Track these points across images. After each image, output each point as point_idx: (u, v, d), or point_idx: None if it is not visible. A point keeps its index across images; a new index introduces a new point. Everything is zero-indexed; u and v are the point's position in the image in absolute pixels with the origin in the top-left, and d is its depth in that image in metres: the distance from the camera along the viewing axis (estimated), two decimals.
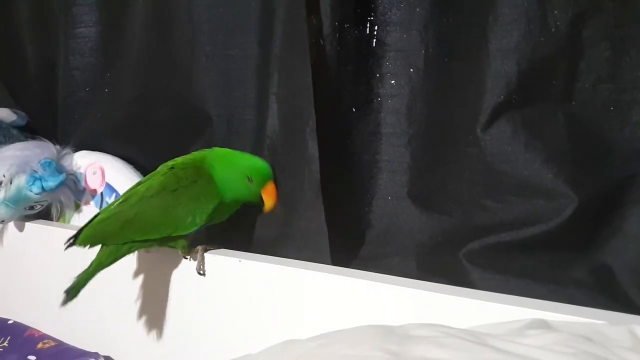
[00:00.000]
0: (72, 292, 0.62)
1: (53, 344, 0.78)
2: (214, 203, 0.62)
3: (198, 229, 0.63)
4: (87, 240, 0.63)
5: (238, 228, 0.75)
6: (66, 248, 0.64)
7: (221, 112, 0.75)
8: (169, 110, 0.81)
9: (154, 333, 0.72)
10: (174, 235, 0.63)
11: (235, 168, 0.63)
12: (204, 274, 0.64)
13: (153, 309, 0.71)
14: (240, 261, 0.63)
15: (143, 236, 0.63)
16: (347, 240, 0.65)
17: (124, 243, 0.63)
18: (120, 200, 0.65)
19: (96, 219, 0.64)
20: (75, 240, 0.63)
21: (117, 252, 0.64)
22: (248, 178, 0.62)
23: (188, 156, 0.66)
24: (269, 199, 0.63)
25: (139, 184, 0.66)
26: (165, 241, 0.65)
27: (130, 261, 0.72)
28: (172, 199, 0.61)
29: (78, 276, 0.63)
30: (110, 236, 0.63)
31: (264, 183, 0.63)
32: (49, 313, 0.83)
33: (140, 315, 0.72)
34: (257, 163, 0.63)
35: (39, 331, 0.82)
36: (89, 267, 0.63)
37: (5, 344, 0.80)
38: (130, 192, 0.65)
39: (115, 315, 0.75)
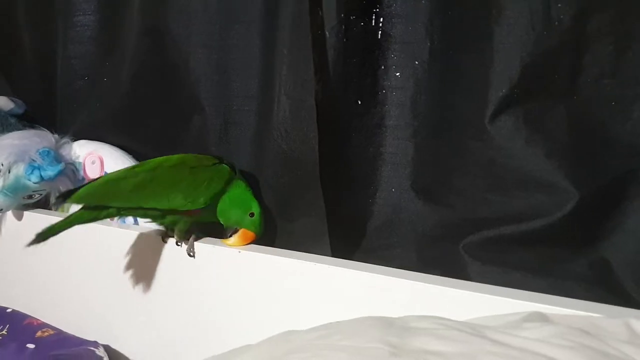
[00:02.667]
0: (42, 236, 0.61)
1: (52, 332, 0.78)
2: (218, 189, 0.65)
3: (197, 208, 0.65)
4: (85, 198, 0.62)
5: None
6: (54, 204, 0.65)
7: (217, 102, 0.75)
8: (167, 100, 0.81)
9: (153, 323, 0.72)
10: (180, 209, 0.64)
11: (249, 197, 0.67)
12: (193, 256, 0.66)
13: (152, 299, 0.71)
14: (239, 252, 0.63)
15: (152, 203, 0.64)
16: (349, 231, 0.66)
17: (124, 208, 0.64)
18: (130, 167, 0.66)
19: (101, 179, 0.65)
20: (67, 197, 0.61)
21: (101, 214, 0.63)
22: (251, 213, 0.66)
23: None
24: (241, 240, 0.65)
25: (136, 166, 0.68)
26: (167, 219, 0.66)
27: (129, 250, 0.72)
28: (190, 173, 0.65)
29: (53, 224, 0.62)
30: (118, 197, 0.63)
31: (252, 227, 0.66)
32: (47, 302, 0.83)
33: (139, 304, 0.73)
34: (261, 212, 0.67)
35: (38, 320, 0.82)
36: (66, 218, 0.62)
37: (4, 332, 0.80)
38: (142, 163, 0.67)
39: (114, 305, 0.75)
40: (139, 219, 0.77)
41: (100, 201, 0.63)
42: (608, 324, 0.38)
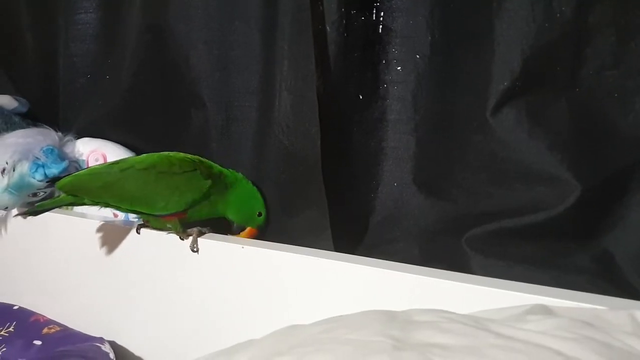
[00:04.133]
0: (33, 211, 0.67)
1: (58, 329, 0.79)
2: (192, 197, 0.66)
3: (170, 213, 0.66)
4: (65, 187, 0.66)
5: None
6: (46, 183, 0.74)
7: (218, 98, 0.75)
8: (168, 96, 0.81)
9: (158, 318, 0.72)
10: (151, 213, 0.67)
11: (257, 197, 0.71)
12: (197, 251, 0.67)
13: (157, 295, 0.72)
14: (242, 247, 0.64)
15: (117, 202, 0.67)
16: (351, 226, 0.66)
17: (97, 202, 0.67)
18: (112, 162, 0.69)
19: (84, 171, 0.69)
20: (54, 182, 0.68)
21: (79, 201, 0.68)
22: (259, 213, 0.70)
23: (196, 156, 0.70)
24: (247, 234, 0.70)
25: (118, 162, 0.70)
26: (157, 218, 0.68)
27: (134, 247, 0.73)
28: (155, 179, 0.65)
29: (44, 202, 0.68)
30: (88, 191, 0.66)
31: (257, 224, 0.71)
32: (53, 299, 0.84)
33: (144, 301, 0.73)
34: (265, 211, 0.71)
35: (44, 316, 0.82)
36: (54, 199, 0.68)
37: (11, 329, 0.80)
38: (125, 159, 0.69)
39: (120, 301, 0.76)
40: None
41: (76, 192, 0.67)
42: (612, 316, 0.38)
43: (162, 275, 0.71)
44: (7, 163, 0.81)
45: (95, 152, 0.86)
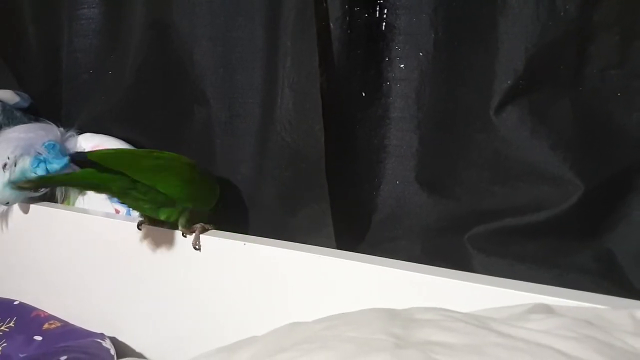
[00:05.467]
0: (39, 182, 0.65)
1: (59, 324, 0.79)
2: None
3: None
4: (104, 158, 0.61)
5: (243, 212, 0.75)
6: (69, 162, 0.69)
7: (221, 94, 0.75)
8: (171, 93, 0.81)
9: (159, 315, 0.72)
10: (184, 205, 0.66)
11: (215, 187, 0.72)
12: (199, 249, 0.67)
13: (158, 291, 0.72)
14: (244, 244, 0.64)
15: (164, 188, 0.64)
16: (353, 224, 0.66)
17: (129, 187, 0.62)
18: (148, 150, 0.71)
19: (117, 149, 0.70)
20: (83, 157, 0.61)
21: (106, 184, 0.62)
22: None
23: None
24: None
25: (152, 151, 0.70)
26: (163, 211, 0.66)
27: (136, 243, 0.73)
28: (199, 176, 0.69)
29: (54, 175, 0.65)
30: (137, 170, 0.62)
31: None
32: (54, 294, 0.84)
33: (145, 297, 0.73)
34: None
35: (45, 312, 0.82)
36: (70, 174, 0.66)
37: (11, 324, 0.81)
38: (157, 151, 0.69)
39: (121, 297, 0.76)
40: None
41: (118, 166, 0.61)
42: (613, 316, 0.38)
43: (163, 272, 0.71)
44: (8, 158, 0.81)
45: (97, 147, 0.86)
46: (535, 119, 0.54)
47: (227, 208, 0.75)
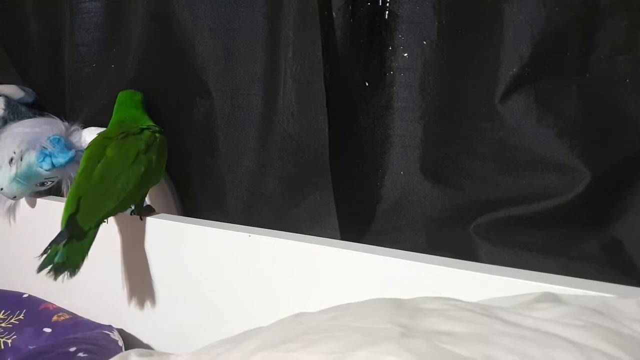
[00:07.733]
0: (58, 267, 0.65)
1: (67, 316, 0.79)
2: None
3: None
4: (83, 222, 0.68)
5: (247, 204, 0.75)
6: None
7: (223, 86, 0.74)
8: (174, 85, 0.81)
9: (166, 307, 0.73)
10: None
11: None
12: (142, 219, 0.70)
13: (165, 283, 0.72)
14: (249, 236, 0.64)
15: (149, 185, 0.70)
16: (358, 214, 0.65)
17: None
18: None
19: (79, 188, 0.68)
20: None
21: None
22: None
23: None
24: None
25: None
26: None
27: (142, 236, 0.73)
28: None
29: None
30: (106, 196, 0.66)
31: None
32: (62, 287, 0.84)
33: (152, 289, 0.74)
34: None
35: (54, 304, 0.83)
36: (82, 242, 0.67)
37: (21, 316, 0.81)
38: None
39: (128, 289, 0.76)
40: None
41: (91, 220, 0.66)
42: (621, 304, 0.37)
43: (169, 264, 0.71)
44: (14, 153, 0.81)
45: None
46: (541, 107, 0.54)
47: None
